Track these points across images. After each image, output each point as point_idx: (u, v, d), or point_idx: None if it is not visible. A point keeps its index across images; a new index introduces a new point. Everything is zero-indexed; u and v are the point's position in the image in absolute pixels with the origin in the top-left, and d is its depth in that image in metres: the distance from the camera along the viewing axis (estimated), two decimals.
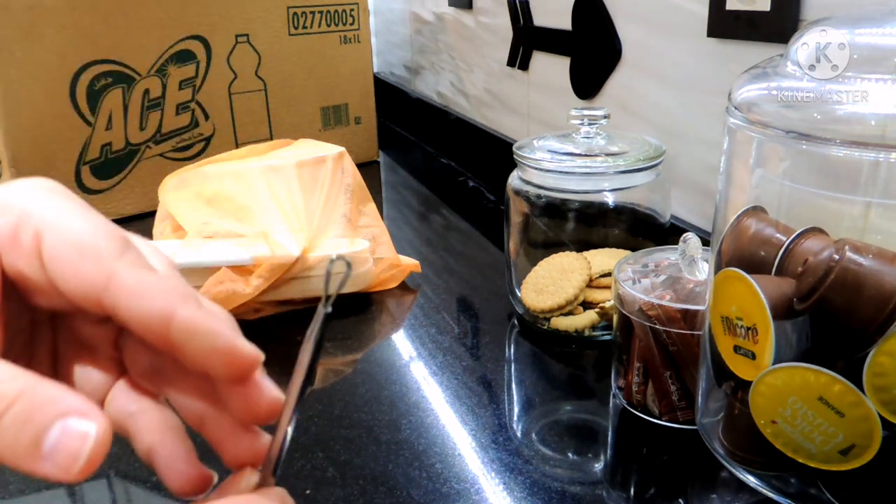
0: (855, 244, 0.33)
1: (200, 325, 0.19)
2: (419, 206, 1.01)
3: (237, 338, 0.20)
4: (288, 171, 0.69)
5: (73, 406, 0.16)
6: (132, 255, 0.21)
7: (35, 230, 0.20)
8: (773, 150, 0.37)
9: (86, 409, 0.16)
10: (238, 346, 0.20)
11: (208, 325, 0.20)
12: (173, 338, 0.19)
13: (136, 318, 0.19)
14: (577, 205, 0.63)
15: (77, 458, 0.15)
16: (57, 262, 0.20)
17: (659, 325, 0.45)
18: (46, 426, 0.15)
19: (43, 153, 0.84)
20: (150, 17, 0.88)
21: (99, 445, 0.16)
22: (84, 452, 0.15)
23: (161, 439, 0.22)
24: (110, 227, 0.21)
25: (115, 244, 0.20)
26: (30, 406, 0.15)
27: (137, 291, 0.19)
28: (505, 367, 0.57)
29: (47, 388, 0.16)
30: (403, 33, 1.38)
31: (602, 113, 0.61)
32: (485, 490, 0.43)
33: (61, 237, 0.20)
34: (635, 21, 0.70)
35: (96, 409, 0.16)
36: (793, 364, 0.34)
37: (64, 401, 0.16)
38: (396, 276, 0.70)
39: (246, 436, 0.23)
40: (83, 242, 0.20)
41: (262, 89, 1.01)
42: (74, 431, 0.15)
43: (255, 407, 0.22)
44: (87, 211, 0.21)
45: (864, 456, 0.33)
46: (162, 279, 0.20)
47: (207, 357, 0.20)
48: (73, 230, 0.20)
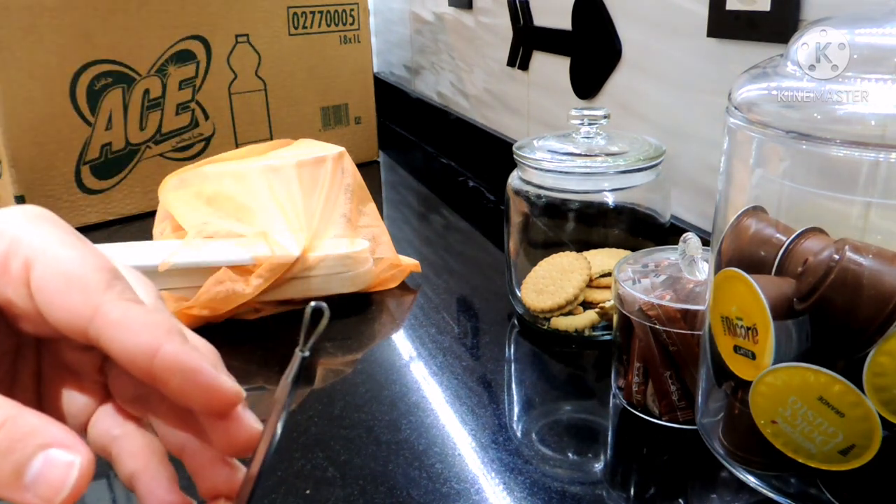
0: (855, 244, 0.33)
1: (183, 361, 0.20)
2: (419, 206, 1.01)
3: (219, 376, 0.20)
4: (288, 171, 0.69)
5: (56, 437, 0.16)
6: (119, 287, 0.21)
7: (25, 259, 0.20)
8: (773, 150, 0.37)
9: (69, 441, 0.16)
10: (219, 384, 0.20)
11: (191, 363, 0.20)
12: (156, 373, 0.19)
13: (121, 351, 0.19)
14: (577, 205, 0.63)
15: (59, 490, 0.15)
16: (45, 293, 0.20)
17: (659, 325, 0.45)
18: (29, 456, 0.15)
19: (43, 153, 0.84)
20: (149, 17, 0.88)
21: (81, 478, 0.16)
22: (67, 484, 0.15)
23: (144, 465, 0.22)
24: (99, 258, 0.21)
25: (103, 276, 0.21)
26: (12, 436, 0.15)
27: (123, 325, 0.20)
28: (505, 367, 0.57)
29: (30, 419, 0.16)
30: (403, 33, 1.38)
31: (602, 113, 0.61)
32: (485, 490, 0.43)
33: (50, 267, 0.20)
34: (635, 21, 0.70)
35: (79, 440, 0.16)
36: (793, 364, 0.34)
37: (47, 431, 0.16)
38: (396, 276, 0.70)
39: (224, 468, 0.23)
40: (71, 273, 0.20)
41: (262, 89, 1.01)
42: (57, 462, 0.15)
43: (234, 440, 0.22)
44: (77, 240, 0.22)
45: (864, 456, 0.33)
46: (148, 313, 0.20)
47: (189, 393, 0.20)
48: (62, 260, 0.20)
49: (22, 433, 0.16)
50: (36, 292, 0.20)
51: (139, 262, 0.61)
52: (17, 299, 0.21)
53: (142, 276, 0.24)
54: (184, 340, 0.20)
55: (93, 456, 0.16)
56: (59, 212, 0.95)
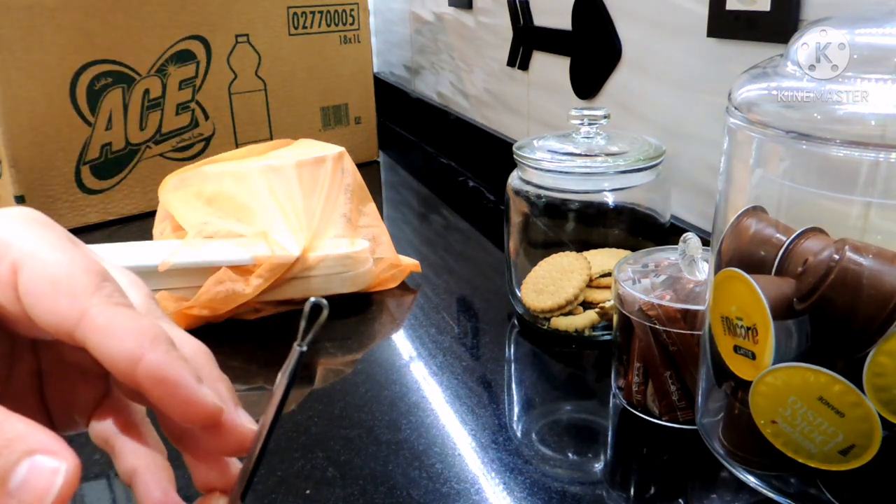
0: (855, 244, 0.33)
1: (165, 373, 0.19)
2: (419, 206, 1.01)
3: (199, 390, 0.20)
4: (288, 171, 0.69)
5: (42, 443, 0.16)
6: (108, 289, 0.20)
7: (12, 262, 0.20)
8: (773, 150, 0.37)
9: (55, 447, 0.16)
10: (198, 398, 0.20)
11: (172, 375, 0.20)
12: (139, 381, 0.19)
13: (106, 357, 0.19)
14: (577, 205, 0.63)
15: (44, 497, 0.15)
16: (32, 297, 0.20)
17: (659, 325, 0.45)
18: (14, 463, 0.15)
19: (43, 153, 0.84)
20: (150, 17, 0.88)
21: (66, 484, 0.15)
22: (52, 491, 0.15)
23: (144, 465, 0.22)
24: (87, 261, 0.21)
25: (92, 279, 0.20)
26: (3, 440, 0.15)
27: (108, 331, 0.19)
28: (505, 367, 0.57)
29: (15, 425, 0.16)
30: (403, 33, 1.38)
31: (602, 113, 0.61)
32: (485, 490, 0.43)
33: (38, 271, 0.20)
34: (635, 21, 0.70)
35: (65, 446, 0.16)
36: (793, 364, 0.34)
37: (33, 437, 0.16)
38: (396, 276, 0.70)
39: (219, 462, 0.23)
40: (58, 277, 0.20)
41: (262, 89, 1.01)
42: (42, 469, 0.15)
43: (223, 445, 0.22)
44: (68, 242, 0.21)
45: (864, 456, 0.33)
46: (135, 318, 0.20)
47: (168, 405, 0.20)
48: (49, 263, 0.20)
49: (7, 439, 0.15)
50: (23, 296, 0.20)
51: (139, 263, 0.61)
52: (7, 303, 0.21)
53: (134, 277, 0.24)
54: (169, 348, 0.20)
55: (79, 462, 0.16)
56: (59, 212, 0.94)
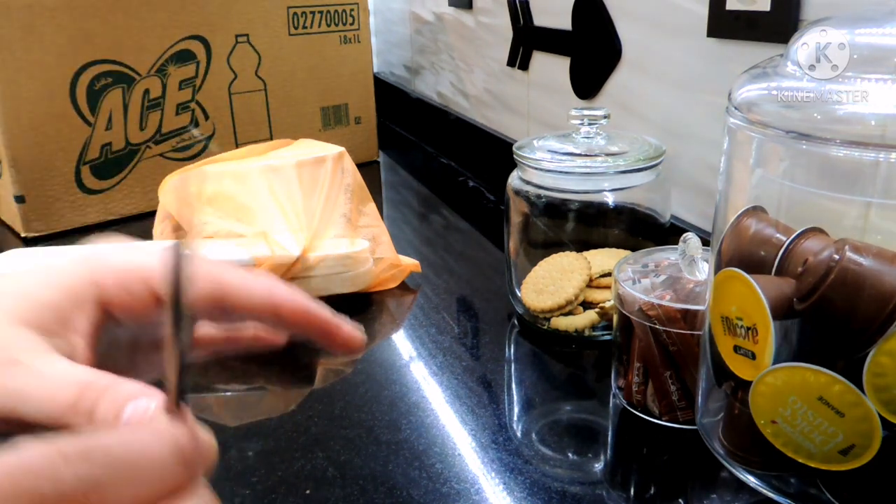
0: (855, 244, 0.33)
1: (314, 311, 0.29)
2: (419, 206, 1.01)
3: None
4: (288, 171, 0.69)
5: (138, 391, 0.23)
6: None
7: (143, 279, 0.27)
8: (773, 150, 0.37)
9: (146, 392, 0.23)
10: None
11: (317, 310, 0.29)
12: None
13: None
14: (577, 205, 0.63)
15: (143, 419, 0.22)
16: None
17: (659, 325, 0.45)
18: (122, 405, 0.22)
19: (43, 153, 0.84)
20: (150, 17, 0.88)
21: (157, 409, 0.22)
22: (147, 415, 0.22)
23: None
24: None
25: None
26: (113, 394, 0.23)
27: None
28: (505, 367, 0.57)
29: (123, 383, 0.23)
30: (403, 33, 1.38)
31: (602, 113, 0.61)
32: (485, 490, 0.43)
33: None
34: (635, 21, 0.70)
35: (154, 390, 0.23)
36: (793, 364, 0.34)
37: (132, 389, 0.23)
38: (396, 276, 0.70)
39: None
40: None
41: (262, 89, 1.01)
42: (140, 406, 0.22)
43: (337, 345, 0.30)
44: None
45: (864, 456, 0.33)
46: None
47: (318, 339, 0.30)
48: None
49: (118, 392, 0.23)
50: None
51: None
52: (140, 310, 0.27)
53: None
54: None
55: (163, 399, 0.22)
56: (59, 212, 0.94)
